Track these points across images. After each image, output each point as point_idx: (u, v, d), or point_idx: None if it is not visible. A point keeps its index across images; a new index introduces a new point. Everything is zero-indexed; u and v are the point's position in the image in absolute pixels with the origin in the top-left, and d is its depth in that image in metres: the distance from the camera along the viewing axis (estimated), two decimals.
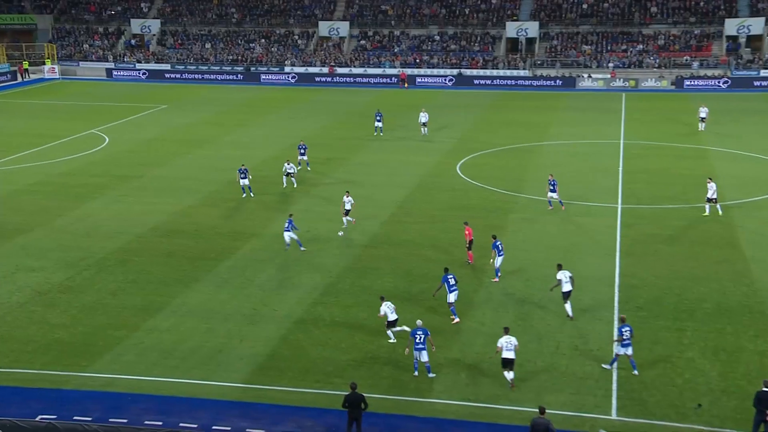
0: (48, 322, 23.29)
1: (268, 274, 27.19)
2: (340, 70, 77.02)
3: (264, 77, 77.27)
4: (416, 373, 20.37)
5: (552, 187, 33.36)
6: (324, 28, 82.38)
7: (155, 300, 24.92)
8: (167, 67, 79.28)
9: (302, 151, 40.94)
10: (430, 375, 20.33)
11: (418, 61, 76.93)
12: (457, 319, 23.40)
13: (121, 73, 79.35)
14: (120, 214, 33.68)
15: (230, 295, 25.50)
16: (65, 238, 30.51)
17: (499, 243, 26.29)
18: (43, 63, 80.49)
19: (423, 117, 49.81)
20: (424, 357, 20.22)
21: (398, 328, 22.47)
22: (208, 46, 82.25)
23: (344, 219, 31.45)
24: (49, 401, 19.19)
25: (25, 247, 29.42)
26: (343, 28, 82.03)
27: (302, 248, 29.14)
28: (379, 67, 77.05)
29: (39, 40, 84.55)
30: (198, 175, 40.43)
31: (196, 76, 78.14)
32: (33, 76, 78.45)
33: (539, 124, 53.41)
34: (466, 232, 27.44)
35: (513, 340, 20.01)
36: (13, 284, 25.86)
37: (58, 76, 78.60)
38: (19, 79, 77.07)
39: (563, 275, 23.48)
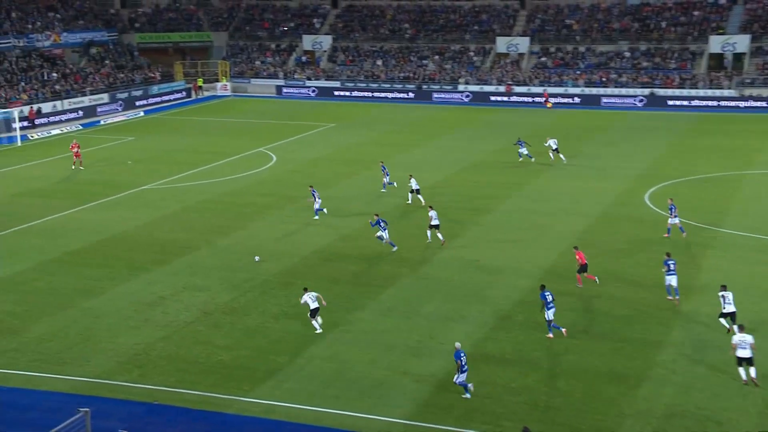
0: (212, 343, 24.73)
1: (434, 304, 27.36)
2: (517, 89, 76.67)
3: (436, 96, 78.43)
4: (467, 395, 21.11)
5: (672, 213, 33.15)
6: (502, 44, 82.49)
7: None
8: (337, 84, 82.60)
9: (384, 171, 42.44)
10: (466, 395, 21.13)
11: (604, 79, 74.97)
12: (551, 335, 24.33)
13: (291, 90, 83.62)
14: (285, 236, 35.27)
15: (394, 324, 25.88)
16: (230, 258, 32.36)
17: (671, 262, 26.83)
18: (217, 80, 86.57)
19: (552, 143, 48.90)
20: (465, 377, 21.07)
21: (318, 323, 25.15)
22: (379, 62, 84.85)
23: (429, 233, 33.37)
24: (214, 424, 20.26)
25: (192, 265, 31.50)
26: (523, 44, 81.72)
27: (394, 248, 32.16)
28: (561, 86, 75.89)
29: (214, 57, 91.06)
30: (364, 197, 41.59)
31: (366, 93, 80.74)
32: (206, 94, 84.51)
33: (745, 151, 50.25)
34: (578, 257, 28.32)
35: (748, 338, 21.06)
36: (181, 303, 27.74)
37: (229, 94, 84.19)
38: (193, 96, 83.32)
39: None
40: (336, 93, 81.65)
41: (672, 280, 26.80)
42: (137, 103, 75.80)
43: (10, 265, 31.41)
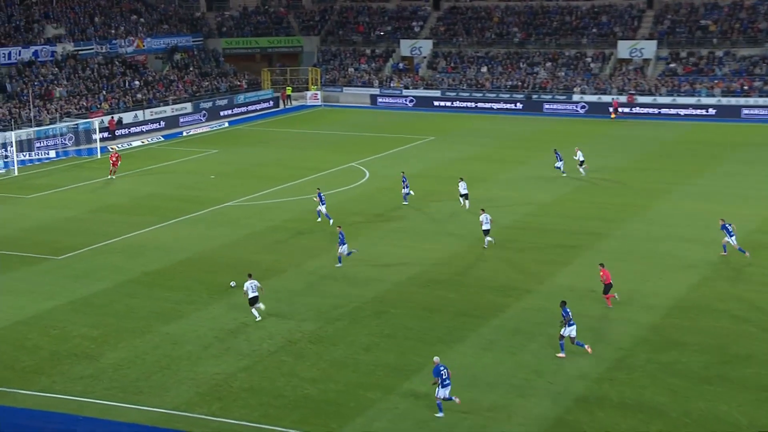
0: (297, 375, 25.13)
1: (542, 339, 27.03)
2: (641, 99, 75.19)
3: (547, 106, 77.81)
4: (441, 413, 22.22)
5: (728, 233, 33.70)
6: (624, 48, 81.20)
7: (413, 360, 25.84)
8: (437, 93, 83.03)
9: (406, 182, 44.20)
10: (440, 414, 22.20)
11: (746, 87, 72.68)
12: (588, 348, 25.60)
13: (387, 99, 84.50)
14: (377, 259, 35.56)
15: (497, 360, 25.71)
16: (317, 282, 32.86)
17: None
18: (307, 89, 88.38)
19: (580, 155, 49.84)
20: (448, 392, 22.23)
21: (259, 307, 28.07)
22: (484, 69, 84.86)
23: (486, 238, 35.94)
24: None
25: (277, 290, 32.12)
26: (649, 48, 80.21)
27: (338, 265, 33.78)
28: (693, 95, 74.03)
29: (304, 63, 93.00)
30: (464, 217, 41.55)
31: (469, 104, 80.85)
32: (295, 103, 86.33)
33: None
34: (602, 275, 29.14)
35: None
36: (264, 330, 28.33)
37: (320, 103, 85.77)
38: (281, 106, 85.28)
39: None
40: (436, 103, 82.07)
41: None
42: (222, 113, 78.15)
43: (87, 285, 32.80)
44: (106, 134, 65.60)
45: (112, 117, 68.01)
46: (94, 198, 47.29)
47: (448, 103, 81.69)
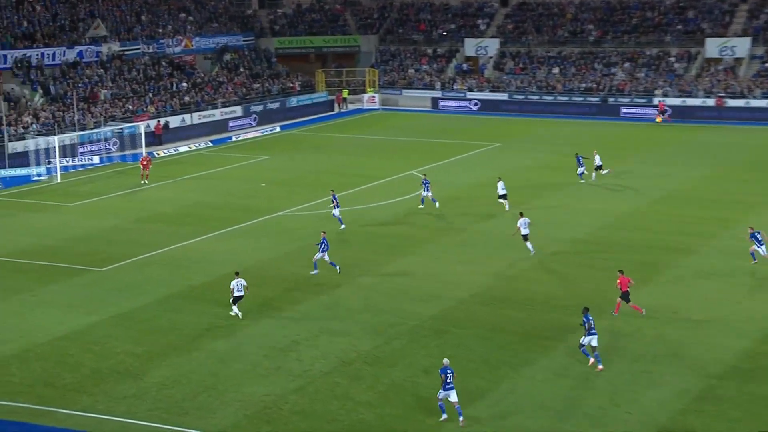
0: (352, 399, 25.16)
1: (619, 364, 26.65)
2: (731, 103, 73.83)
3: (625, 110, 76.96)
4: (444, 415, 23.28)
5: (758, 242, 34.63)
6: (713, 46, 79.89)
7: (477, 384, 25.68)
8: (504, 96, 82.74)
9: (426, 186, 45.34)
10: (461, 418, 23.06)
11: None
12: (600, 366, 26.09)
13: (449, 103, 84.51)
14: (438, 274, 35.49)
15: (569, 386, 25.41)
16: (374, 299, 32.91)
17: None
18: (364, 91, 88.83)
19: (598, 159, 51.04)
20: (453, 397, 23.30)
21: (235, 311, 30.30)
22: (555, 71, 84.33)
23: (527, 244, 36.89)
24: None
25: (331, 306, 32.26)
26: (741, 46, 78.76)
27: (314, 272, 35.09)
28: None
29: (361, 64, 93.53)
30: (532, 231, 41.28)
31: (539, 108, 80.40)
32: (351, 106, 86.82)
33: None
34: (619, 282, 29.90)
35: None
36: (317, 349, 28.46)
37: (377, 107, 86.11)
38: (336, 110, 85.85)
39: None
40: (502, 107, 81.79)
41: None
42: (273, 117, 78.99)
43: (130, 298, 33.35)
44: (152, 139, 66.76)
45: (159, 121, 69.21)
46: (138, 206, 48.12)
47: (516, 107, 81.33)
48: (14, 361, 27.65)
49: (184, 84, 77.35)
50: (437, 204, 44.94)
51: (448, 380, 23.63)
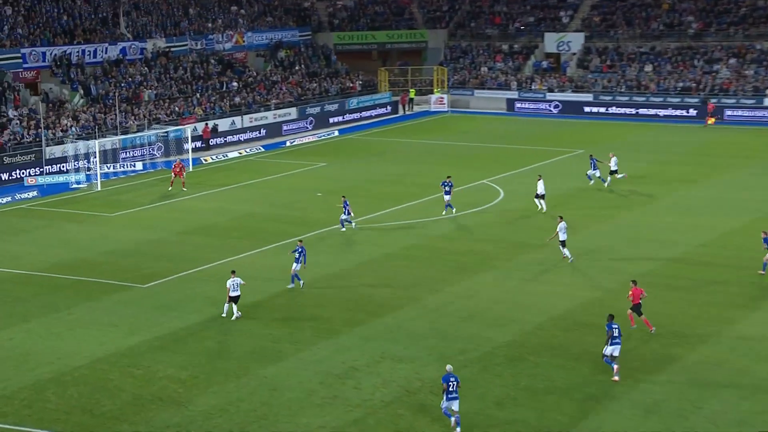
0: None
1: (721, 402, 26.23)
2: None
3: (729, 113, 75.87)
4: (453, 418, 24.64)
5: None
6: None
7: (556, 419, 25.45)
8: (588, 97, 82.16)
9: (447, 189, 47.21)
10: (458, 429, 24.45)
11: None
12: (616, 378, 27.38)
13: (526, 105, 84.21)
14: (513, 295, 35.32)
15: (664, 425, 25.05)
16: (441, 321, 32.87)
17: None
18: (431, 92, 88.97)
19: (613, 162, 52.60)
20: (455, 406, 24.65)
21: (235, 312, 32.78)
22: (648, 68, 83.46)
23: (564, 251, 38.37)
24: None
25: (393, 329, 32.30)
26: None
27: (291, 286, 36.25)
28: None
29: (428, 62, 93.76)
30: (622, 248, 40.84)
31: (628, 110, 79.70)
32: (417, 108, 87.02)
33: None
34: (631, 293, 31.12)
35: None
36: (378, 377, 28.53)
37: (446, 109, 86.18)
38: (401, 112, 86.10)
39: None
40: (586, 109, 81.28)
41: None
42: (331, 120, 79.59)
43: (175, 318, 33.80)
44: (199, 143, 67.69)
45: (206, 124, 70.11)
46: (184, 218, 48.80)
47: (602, 109, 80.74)
48: (50, 386, 28.20)
49: (235, 84, 78.36)
50: (453, 210, 46.91)
51: (451, 389, 24.77)
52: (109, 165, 60.19)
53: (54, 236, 45.94)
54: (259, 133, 73.66)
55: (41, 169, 59.11)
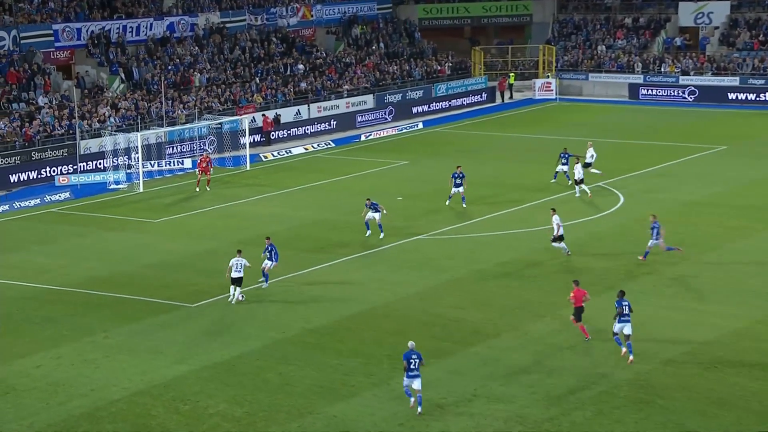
0: None
1: None
2: None
3: None
4: (412, 399, 28.06)
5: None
6: None
7: None
8: (734, 82, 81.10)
9: (458, 181, 50.07)
10: (420, 408, 27.90)
11: None
12: (631, 357, 31.20)
13: (653, 91, 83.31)
14: (639, 323, 34.88)
15: None
16: (548, 353, 32.54)
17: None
18: (536, 76, 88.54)
19: (590, 153, 54.95)
20: (417, 385, 27.92)
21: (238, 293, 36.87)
22: None
23: (560, 245, 41.77)
24: None
25: (488, 361, 32.08)
26: None
27: (263, 282, 39.15)
28: None
29: (533, 39, 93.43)
30: None
31: None
32: (518, 96, 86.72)
33: None
34: (572, 295, 33.18)
35: None
36: (470, 419, 28.38)
37: (554, 96, 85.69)
38: (498, 101, 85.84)
39: None
40: (731, 96, 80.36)
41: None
42: (414, 110, 79.75)
43: (228, 344, 34.04)
44: (258, 137, 68.29)
45: (266, 115, 70.57)
46: (239, 225, 49.26)
47: (751, 96, 79.72)
48: (83, 422, 28.58)
49: (301, 66, 78.97)
50: (465, 206, 50.21)
51: (413, 366, 27.79)
52: (153, 162, 61.07)
53: (89, 246, 46.77)
54: (329, 125, 74.15)
55: (75, 167, 60.13)
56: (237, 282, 37.25)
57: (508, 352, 32.91)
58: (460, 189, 49.95)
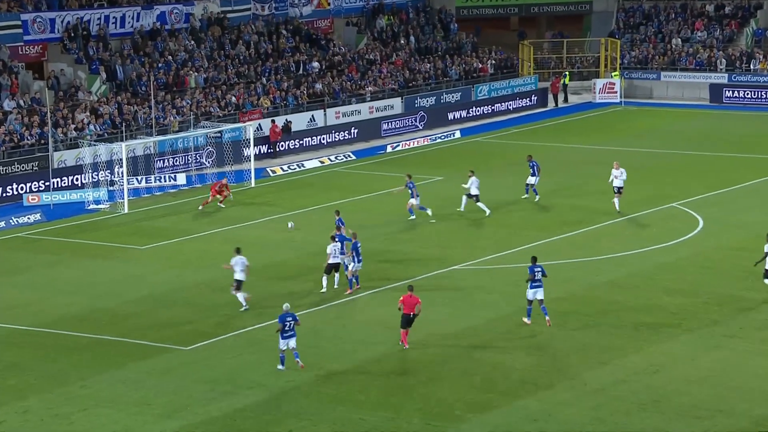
0: None
1: None
2: None
3: None
4: (281, 366, 34.03)
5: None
6: None
7: None
8: None
9: (412, 191, 52.47)
10: (300, 363, 34.06)
11: None
12: (547, 318, 37.52)
13: (741, 93, 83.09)
14: (715, 373, 34.83)
15: None
16: (608, 409, 32.46)
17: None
18: (597, 75, 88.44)
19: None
20: (293, 343, 34.34)
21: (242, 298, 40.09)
22: None
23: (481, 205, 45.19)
24: None
25: (538, 416, 31.95)
26: None
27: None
28: None
29: (593, 32, 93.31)
30: None
31: None
32: (573, 99, 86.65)
33: None
34: (402, 301, 36.39)
35: None
36: None
37: (618, 100, 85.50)
38: (551, 105, 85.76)
39: None
40: None
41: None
42: (450, 116, 79.80)
43: (228, 395, 33.93)
44: (264, 148, 68.41)
45: (274, 121, 70.54)
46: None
47: None
48: None
49: (316, 64, 79.10)
50: (429, 211, 52.98)
51: (287, 327, 34.02)
52: (139, 178, 61.14)
53: (63, 277, 46.90)
54: (349, 133, 74.24)
55: (47, 183, 60.10)
56: (239, 284, 40.38)
57: (562, 407, 32.87)
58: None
